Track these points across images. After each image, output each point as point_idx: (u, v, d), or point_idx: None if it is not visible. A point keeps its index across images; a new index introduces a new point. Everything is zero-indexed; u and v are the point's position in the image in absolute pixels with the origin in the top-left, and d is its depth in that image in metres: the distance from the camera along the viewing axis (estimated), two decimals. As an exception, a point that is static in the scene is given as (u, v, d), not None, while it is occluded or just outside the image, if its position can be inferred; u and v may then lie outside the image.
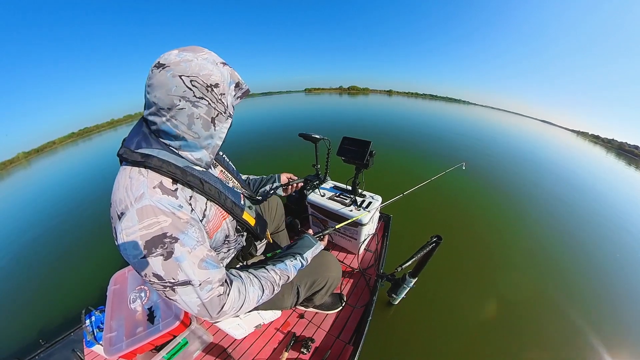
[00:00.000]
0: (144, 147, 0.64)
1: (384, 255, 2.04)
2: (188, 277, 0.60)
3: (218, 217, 0.77)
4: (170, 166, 0.64)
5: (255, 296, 0.74)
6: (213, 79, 0.61)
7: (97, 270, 2.83)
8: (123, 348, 1.10)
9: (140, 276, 0.59)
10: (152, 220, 0.57)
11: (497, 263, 2.78)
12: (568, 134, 59.76)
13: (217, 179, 0.79)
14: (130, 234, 0.56)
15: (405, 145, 8.27)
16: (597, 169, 10.75)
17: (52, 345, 1.58)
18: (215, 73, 0.62)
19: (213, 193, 0.74)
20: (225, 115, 0.68)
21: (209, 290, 0.63)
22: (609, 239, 3.71)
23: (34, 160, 27.50)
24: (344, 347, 1.47)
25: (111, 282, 1.42)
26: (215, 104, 0.64)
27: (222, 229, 0.80)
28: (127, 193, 0.58)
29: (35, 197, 6.94)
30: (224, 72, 0.64)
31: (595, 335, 2.01)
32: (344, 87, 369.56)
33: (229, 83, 0.66)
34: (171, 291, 0.60)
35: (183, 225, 0.61)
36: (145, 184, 0.60)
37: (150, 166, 0.62)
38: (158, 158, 0.63)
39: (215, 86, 0.62)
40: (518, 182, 5.70)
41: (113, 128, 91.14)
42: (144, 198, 0.58)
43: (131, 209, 0.57)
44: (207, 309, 0.64)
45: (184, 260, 0.59)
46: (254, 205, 1.01)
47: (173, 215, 0.60)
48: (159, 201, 0.59)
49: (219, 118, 0.67)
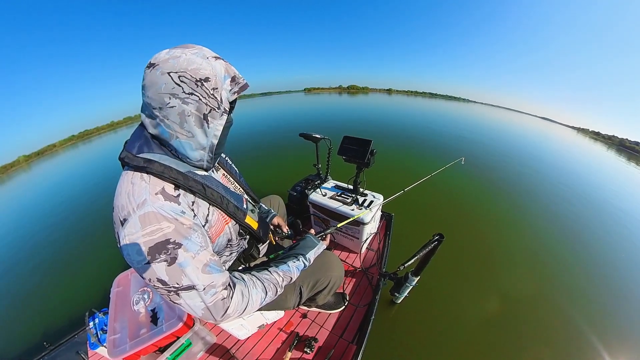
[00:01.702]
0: (145, 151, 0.63)
1: (386, 253, 2.04)
2: (192, 282, 0.60)
3: (221, 221, 0.77)
4: (172, 171, 0.64)
5: (259, 298, 0.74)
6: (202, 73, 0.59)
7: (100, 272, 2.83)
8: (127, 350, 1.10)
9: (145, 281, 0.59)
10: (154, 226, 0.57)
11: (498, 260, 2.77)
12: (568, 130, 59.57)
13: (219, 183, 0.79)
14: (133, 240, 0.56)
15: (406, 143, 8.24)
16: (598, 165, 10.72)
17: (56, 348, 1.58)
18: (205, 66, 0.59)
19: (215, 198, 0.74)
20: (220, 111, 0.65)
21: (213, 294, 0.63)
22: (612, 237, 3.69)
23: (34, 163, 27.55)
24: (347, 346, 1.47)
25: (114, 285, 1.43)
26: (207, 99, 0.61)
27: (225, 233, 0.80)
28: (130, 199, 0.58)
29: (38, 200, 6.95)
30: (216, 66, 0.61)
31: (598, 335, 2.00)
32: (343, 87, 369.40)
33: (223, 77, 0.63)
34: (176, 295, 0.60)
35: (186, 231, 0.61)
36: (147, 190, 0.59)
37: (151, 172, 0.62)
38: (159, 163, 0.62)
39: (206, 80, 0.59)
40: (519, 179, 5.68)
41: (113, 130, 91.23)
42: (146, 204, 0.58)
43: (134, 216, 0.57)
44: (212, 313, 0.64)
45: (188, 266, 0.60)
46: (256, 209, 1.01)
47: (176, 222, 0.60)
48: (162, 208, 0.59)
49: (212, 114, 0.64)
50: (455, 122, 16.53)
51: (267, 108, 26.76)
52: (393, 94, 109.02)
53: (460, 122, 16.51)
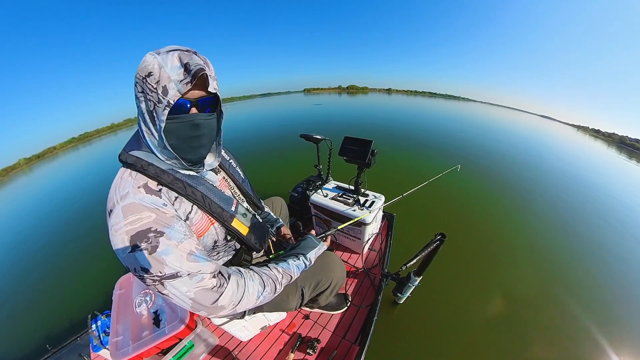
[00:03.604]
0: (135, 149, 0.68)
1: (388, 254, 2.04)
2: (175, 269, 0.59)
3: (205, 220, 0.76)
4: (153, 168, 0.67)
5: (255, 291, 0.72)
6: (147, 69, 0.57)
7: (102, 275, 2.83)
8: (129, 352, 1.10)
9: (131, 272, 0.60)
10: (135, 216, 0.59)
11: (500, 260, 2.77)
12: (568, 128, 59.44)
13: (204, 183, 0.78)
14: (117, 229, 0.58)
15: (406, 143, 8.24)
16: (599, 163, 10.70)
17: (58, 350, 1.58)
18: (150, 62, 0.57)
19: (197, 196, 0.73)
20: (162, 104, 0.59)
21: (199, 281, 0.62)
22: (613, 235, 3.69)
23: (35, 166, 27.61)
24: (350, 347, 1.47)
25: (116, 287, 1.43)
26: (150, 95, 0.59)
27: (210, 234, 0.78)
28: (115, 192, 0.62)
29: (40, 202, 6.96)
30: (164, 59, 0.58)
31: (603, 333, 1.99)
32: (343, 87, 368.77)
33: (172, 68, 0.58)
34: (161, 285, 0.59)
35: (169, 220, 0.63)
36: (131, 184, 0.63)
37: (137, 168, 0.66)
38: (144, 160, 0.67)
39: (148, 75, 0.58)
40: (520, 178, 5.67)
41: (113, 132, 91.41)
42: (128, 196, 0.61)
43: (117, 207, 0.60)
44: (199, 301, 0.62)
45: (170, 254, 0.60)
46: (249, 214, 0.94)
47: (157, 211, 0.62)
48: (142, 199, 0.62)
49: (156, 109, 0.60)
50: (457, 121, 16.51)
51: (267, 109, 26.77)
52: (393, 94, 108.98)
53: (462, 122, 16.50)
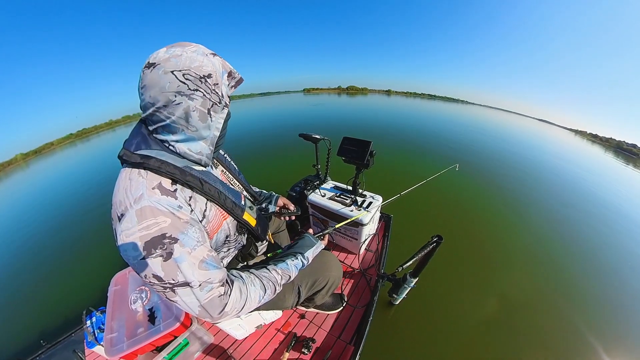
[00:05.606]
0: (143, 148, 0.64)
1: (384, 255, 2.04)
2: (188, 278, 0.59)
3: (218, 217, 0.77)
4: (169, 166, 0.64)
5: (257, 296, 0.74)
6: (205, 70, 0.61)
7: (98, 271, 2.82)
8: (124, 349, 1.09)
9: (141, 277, 0.58)
10: (151, 221, 0.57)
11: (496, 262, 2.79)
12: (566, 132, 59.80)
13: (216, 179, 0.79)
14: (129, 235, 0.56)
15: (405, 144, 8.27)
16: (597, 167, 10.76)
17: (53, 346, 1.58)
18: (207, 64, 0.62)
19: (213, 193, 0.74)
20: (221, 105, 0.68)
21: (209, 291, 0.63)
22: (609, 238, 3.72)
23: (32, 161, 27.40)
24: (345, 347, 1.47)
25: (112, 283, 1.42)
26: (210, 95, 0.64)
27: (223, 229, 0.80)
28: (127, 194, 0.59)
29: (36, 198, 6.92)
30: (215, 62, 0.64)
31: (596, 336, 2.01)
32: (342, 87, 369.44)
33: (222, 73, 0.66)
34: (171, 292, 0.59)
35: (183, 226, 0.61)
36: (144, 185, 0.60)
37: (149, 167, 0.62)
38: (156, 159, 0.63)
39: (208, 77, 0.62)
40: (517, 180, 5.70)
41: (111, 129, 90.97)
42: (142, 199, 0.58)
43: (130, 210, 0.57)
44: (208, 310, 0.63)
45: (184, 261, 0.59)
46: (255, 206, 1.00)
47: (172, 216, 0.60)
48: (158, 202, 0.59)
49: (215, 108, 0.67)
50: (455, 124, 16.58)
51: (266, 108, 26.75)
52: (392, 95, 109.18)
53: (460, 125, 16.56)
